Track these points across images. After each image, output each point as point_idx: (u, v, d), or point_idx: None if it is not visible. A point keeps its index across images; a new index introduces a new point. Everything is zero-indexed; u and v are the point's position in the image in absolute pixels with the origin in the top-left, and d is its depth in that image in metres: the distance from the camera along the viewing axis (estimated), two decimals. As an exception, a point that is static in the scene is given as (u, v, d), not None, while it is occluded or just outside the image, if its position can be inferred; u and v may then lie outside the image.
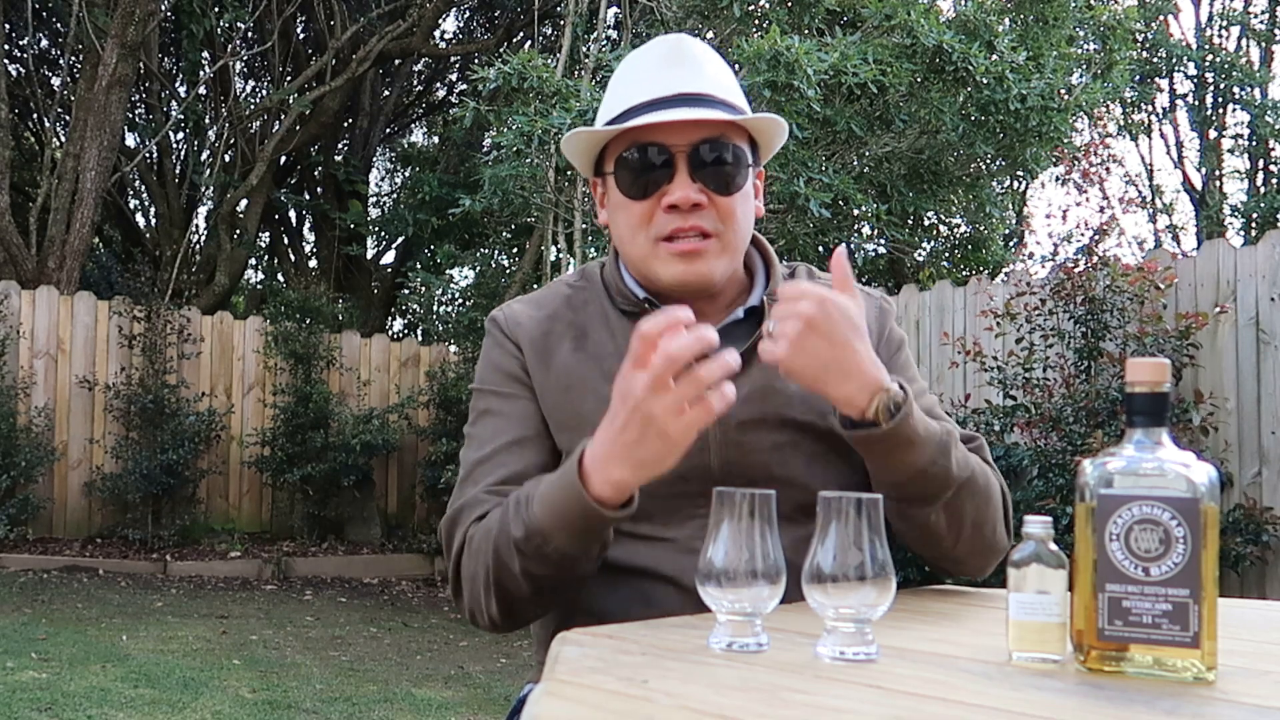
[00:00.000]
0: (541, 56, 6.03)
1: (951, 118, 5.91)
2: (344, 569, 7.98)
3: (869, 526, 0.90)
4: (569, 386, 1.37)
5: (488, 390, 1.42)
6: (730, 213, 1.35)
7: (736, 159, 1.34)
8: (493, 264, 11.22)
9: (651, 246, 1.34)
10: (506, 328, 1.43)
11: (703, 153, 1.32)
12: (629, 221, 1.36)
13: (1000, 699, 0.76)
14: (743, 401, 1.34)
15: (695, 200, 1.31)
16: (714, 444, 1.34)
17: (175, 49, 11.55)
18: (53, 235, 8.79)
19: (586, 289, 1.45)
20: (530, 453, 1.37)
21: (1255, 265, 4.86)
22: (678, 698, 0.74)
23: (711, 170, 1.32)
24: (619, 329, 1.39)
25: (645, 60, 1.38)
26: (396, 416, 8.63)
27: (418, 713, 4.19)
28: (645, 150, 1.33)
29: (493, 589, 1.26)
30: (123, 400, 7.90)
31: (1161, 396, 0.87)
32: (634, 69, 1.39)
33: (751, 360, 1.36)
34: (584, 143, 1.40)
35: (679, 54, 1.36)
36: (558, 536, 1.18)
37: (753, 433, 1.34)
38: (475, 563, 1.28)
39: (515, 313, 1.44)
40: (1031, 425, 5.01)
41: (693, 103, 1.32)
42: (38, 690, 4.12)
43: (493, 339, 1.44)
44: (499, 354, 1.42)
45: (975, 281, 6.16)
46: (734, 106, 1.36)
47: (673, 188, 1.32)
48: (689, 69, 1.35)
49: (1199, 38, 12.31)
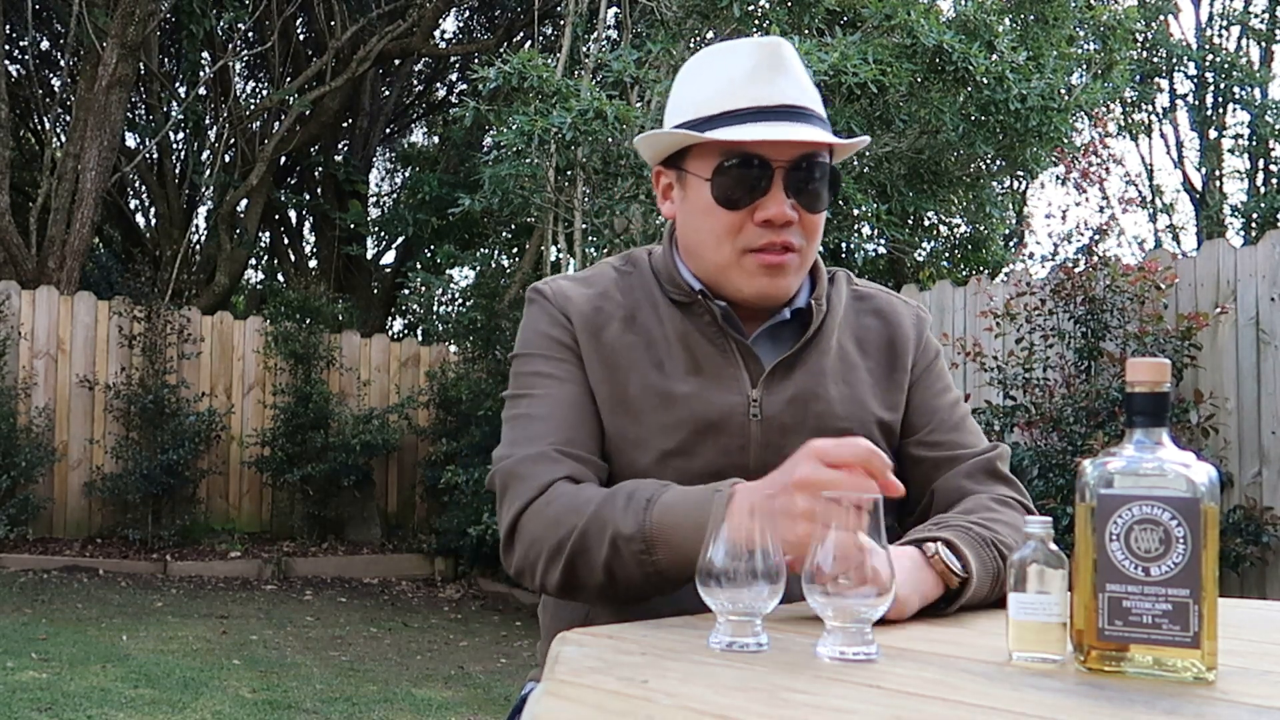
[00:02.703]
0: (541, 56, 6.03)
1: (951, 118, 5.90)
2: (344, 569, 7.98)
3: (869, 526, 0.90)
4: (616, 366, 1.35)
5: (536, 354, 1.39)
6: (815, 229, 1.36)
7: (828, 178, 1.35)
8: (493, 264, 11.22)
9: (737, 257, 1.34)
10: (555, 300, 1.40)
11: (801, 171, 1.31)
12: (714, 229, 1.34)
13: (1000, 699, 0.76)
14: (786, 404, 1.35)
15: (789, 217, 1.31)
16: (754, 445, 1.34)
17: (175, 49, 11.54)
18: (53, 235, 8.79)
19: (633, 274, 1.44)
20: (590, 420, 1.35)
21: (1255, 265, 4.86)
22: (678, 698, 0.74)
23: (805, 188, 1.32)
24: (668, 317, 1.38)
25: (743, 61, 1.35)
26: (396, 416, 8.63)
27: (418, 713, 4.19)
28: (749, 162, 1.31)
29: (562, 563, 1.23)
30: (123, 400, 7.90)
31: (1162, 396, 0.87)
32: (730, 67, 1.35)
33: (796, 364, 1.37)
34: (664, 141, 1.38)
35: (780, 61, 1.34)
36: (665, 554, 1.16)
37: (792, 436, 1.33)
38: (548, 528, 1.24)
39: (563, 287, 1.42)
40: (1032, 425, 5.01)
41: (795, 117, 1.31)
42: (38, 690, 4.12)
43: (539, 308, 1.41)
44: (547, 322, 1.39)
45: (975, 282, 6.16)
46: (827, 122, 1.37)
47: (768, 202, 1.31)
48: (791, 79, 1.34)
49: (1199, 38, 12.31)
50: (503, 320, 8.00)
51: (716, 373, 1.35)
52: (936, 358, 1.48)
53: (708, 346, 1.36)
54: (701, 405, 1.33)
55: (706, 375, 1.35)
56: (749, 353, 1.37)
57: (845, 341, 1.43)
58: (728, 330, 1.37)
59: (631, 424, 1.34)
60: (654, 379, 1.34)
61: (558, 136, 5.38)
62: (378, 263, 13.04)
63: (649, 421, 1.33)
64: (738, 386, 1.35)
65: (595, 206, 6.46)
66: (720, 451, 1.33)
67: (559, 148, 5.66)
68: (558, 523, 1.24)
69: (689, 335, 1.37)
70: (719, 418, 1.33)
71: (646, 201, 6.08)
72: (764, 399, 1.35)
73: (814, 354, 1.39)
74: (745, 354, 1.37)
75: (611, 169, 5.98)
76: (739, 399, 1.34)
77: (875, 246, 8.17)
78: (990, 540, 1.23)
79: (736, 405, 1.34)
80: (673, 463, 1.33)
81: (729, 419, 1.34)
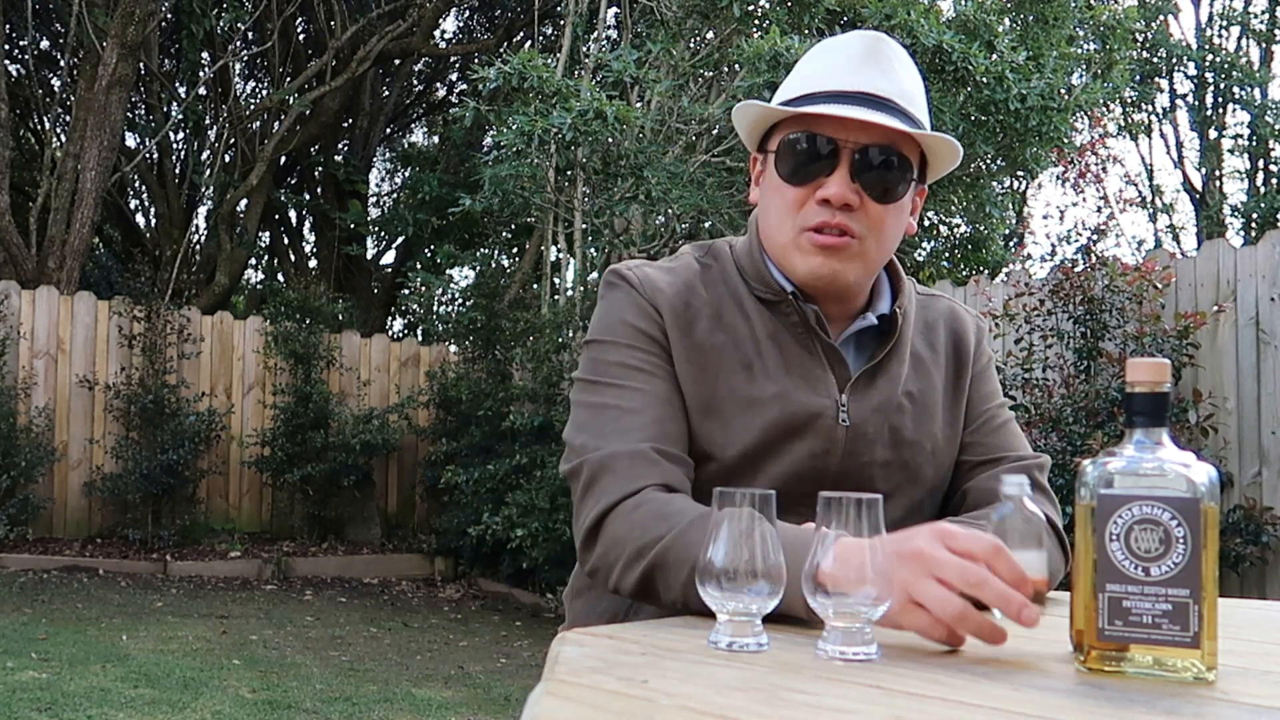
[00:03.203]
0: (541, 56, 6.03)
1: (951, 118, 5.90)
2: (344, 569, 7.97)
3: (869, 527, 0.90)
4: (705, 367, 1.32)
5: (622, 344, 1.33)
6: (879, 221, 1.32)
7: (900, 169, 1.31)
8: (493, 264, 11.22)
9: (795, 235, 1.32)
10: (643, 289, 1.35)
11: (869, 155, 1.29)
12: (780, 205, 1.33)
13: (1000, 699, 0.76)
14: (871, 412, 1.34)
15: (848, 200, 1.29)
16: (839, 450, 1.33)
17: (175, 49, 11.54)
18: (53, 235, 8.79)
19: (714, 267, 1.40)
20: (681, 419, 1.31)
21: (1255, 265, 4.86)
22: (678, 698, 0.74)
23: (872, 175, 1.30)
24: (755, 315, 1.36)
25: (839, 51, 1.35)
26: (396, 416, 8.63)
27: (418, 713, 4.19)
28: (814, 139, 1.30)
29: (640, 571, 1.19)
30: (123, 400, 7.90)
31: (1161, 396, 0.87)
32: (826, 57, 1.36)
33: (879, 372, 1.37)
34: (755, 117, 1.37)
35: (874, 53, 1.33)
36: None
37: (873, 446, 1.34)
38: (633, 532, 1.20)
39: (651, 276, 1.37)
40: (1031, 425, 5.01)
41: (874, 105, 1.30)
42: (38, 690, 4.12)
43: (625, 295, 1.36)
44: (634, 311, 1.34)
45: (975, 282, 6.16)
46: (914, 118, 1.33)
47: (830, 181, 1.29)
48: (880, 70, 1.32)
49: (1199, 38, 12.31)
50: (503, 320, 8.00)
51: (805, 374, 1.34)
52: (989, 364, 1.49)
53: (796, 348, 1.35)
54: (790, 406, 1.31)
55: (795, 376, 1.33)
56: (837, 357, 1.35)
57: (919, 349, 1.42)
58: (817, 332, 1.35)
59: (719, 427, 1.32)
60: (740, 381, 1.31)
61: (558, 137, 5.38)
62: (378, 263, 13.04)
63: (735, 424, 1.31)
64: (826, 390, 1.34)
65: (595, 206, 6.46)
66: (806, 454, 1.32)
67: (559, 148, 5.66)
68: (644, 529, 1.19)
69: (778, 335, 1.35)
70: (807, 419, 1.32)
71: (646, 202, 6.08)
72: (851, 404, 1.34)
73: (894, 363, 1.38)
74: (833, 358, 1.35)
75: (611, 169, 5.97)
76: (828, 402, 1.33)
77: (875, 246, 8.18)
78: None
79: (826, 408, 1.33)
80: (757, 463, 1.31)
81: (817, 421, 1.32)
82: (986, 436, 1.43)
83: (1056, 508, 1.38)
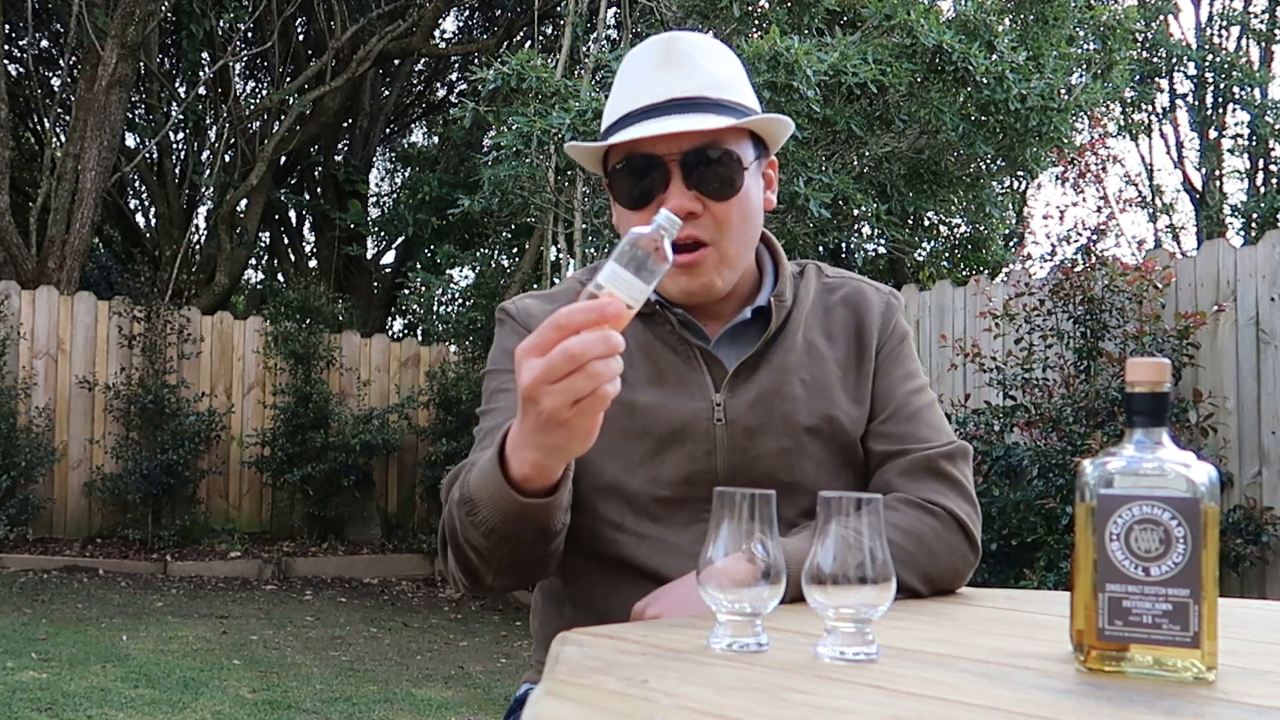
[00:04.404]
0: (541, 56, 6.03)
1: (951, 118, 5.91)
2: (344, 569, 7.98)
3: (869, 526, 0.90)
4: None
5: (501, 370, 1.41)
6: (726, 220, 1.32)
7: (731, 163, 1.32)
8: (493, 264, 11.21)
9: None
10: (519, 318, 1.43)
11: (695, 160, 1.30)
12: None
13: (1000, 699, 0.76)
14: (750, 406, 1.34)
15: (690, 209, 1.29)
16: (720, 448, 1.33)
17: (175, 49, 11.54)
18: (53, 235, 8.79)
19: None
20: None
21: (1255, 265, 4.86)
22: (678, 698, 0.74)
23: (706, 176, 1.31)
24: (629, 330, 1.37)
25: (639, 64, 1.37)
26: (396, 416, 8.63)
27: (418, 713, 4.19)
28: (639, 161, 1.32)
29: (449, 549, 1.25)
30: (123, 400, 7.90)
31: (1161, 396, 0.87)
32: (629, 73, 1.38)
33: (759, 364, 1.36)
34: (581, 157, 1.41)
35: (670, 55, 1.34)
36: (484, 509, 1.16)
37: (759, 438, 1.34)
38: (443, 519, 1.27)
39: (527, 305, 1.45)
40: (1031, 425, 5.02)
41: (684, 108, 1.30)
42: (38, 690, 4.12)
43: (508, 327, 1.44)
44: (514, 340, 1.40)
45: (975, 282, 6.16)
46: (728, 106, 1.33)
47: (668, 196, 1.30)
48: (682, 71, 1.33)
49: (1199, 38, 12.31)
50: (503, 320, 7.99)
51: (680, 380, 1.35)
52: (903, 343, 1.43)
53: (669, 355, 1.36)
54: (665, 414, 1.33)
55: (670, 384, 1.35)
56: (711, 357, 1.36)
57: (813, 335, 1.41)
58: (687, 337, 1.36)
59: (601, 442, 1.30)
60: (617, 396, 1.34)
61: (558, 137, 5.38)
62: (378, 263, 13.04)
63: (613, 433, 1.30)
64: (701, 393, 1.35)
65: (595, 207, 6.46)
66: (687, 458, 1.33)
67: (558, 148, 5.66)
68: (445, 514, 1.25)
69: (650, 346, 1.37)
70: (684, 425, 1.33)
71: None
72: (727, 402, 1.34)
73: (778, 352, 1.37)
74: (708, 359, 1.36)
75: (611, 169, 5.96)
76: (703, 405, 1.34)
77: (875, 246, 8.19)
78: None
79: (700, 411, 1.34)
80: (640, 471, 1.33)
81: (693, 426, 1.33)
82: (897, 426, 1.38)
83: (967, 498, 1.34)
